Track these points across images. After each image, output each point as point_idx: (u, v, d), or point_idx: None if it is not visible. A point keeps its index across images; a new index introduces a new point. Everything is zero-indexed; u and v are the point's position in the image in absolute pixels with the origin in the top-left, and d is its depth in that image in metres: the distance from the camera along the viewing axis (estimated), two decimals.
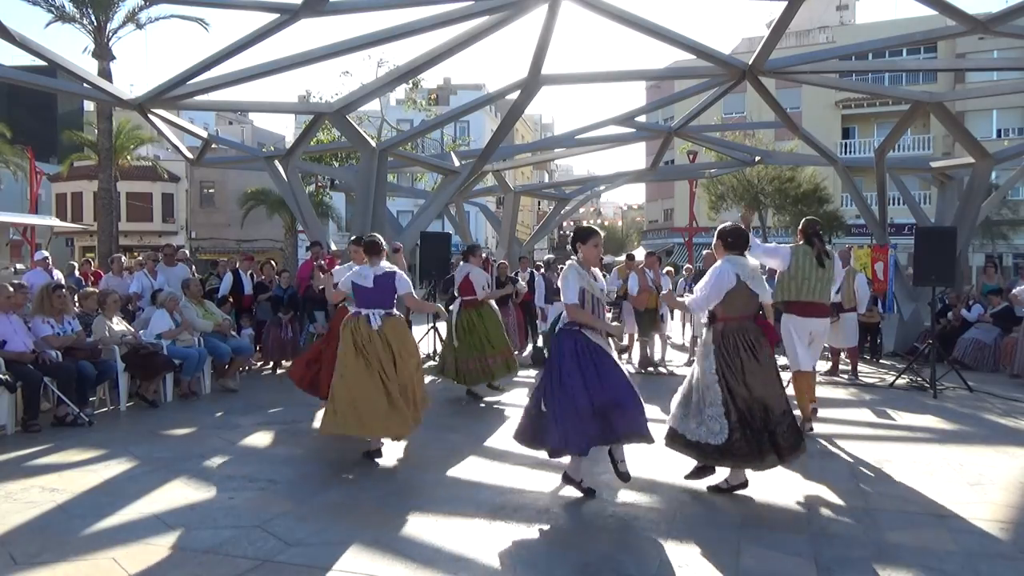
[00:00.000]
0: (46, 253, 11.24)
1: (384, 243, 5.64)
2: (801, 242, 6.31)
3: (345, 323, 5.48)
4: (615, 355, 4.63)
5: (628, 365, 10.10)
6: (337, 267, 7.31)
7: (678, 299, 5.41)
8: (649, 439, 4.49)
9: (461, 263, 8.34)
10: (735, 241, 4.74)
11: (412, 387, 5.39)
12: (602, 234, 4.85)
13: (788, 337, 6.24)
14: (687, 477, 4.82)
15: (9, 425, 6.16)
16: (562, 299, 4.60)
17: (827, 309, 6.32)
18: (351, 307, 5.58)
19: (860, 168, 14.91)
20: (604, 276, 5.90)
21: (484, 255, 8.78)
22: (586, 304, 4.51)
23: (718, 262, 4.73)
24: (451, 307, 8.19)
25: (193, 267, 11.46)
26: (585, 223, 6.62)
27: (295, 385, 6.94)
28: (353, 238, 6.89)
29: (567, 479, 4.63)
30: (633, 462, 5.22)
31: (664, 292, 6.78)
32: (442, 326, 9.98)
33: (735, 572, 3.51)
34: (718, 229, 4.87)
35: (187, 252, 12.22)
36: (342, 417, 5.21)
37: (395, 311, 5.54)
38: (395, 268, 5.60)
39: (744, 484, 4.67)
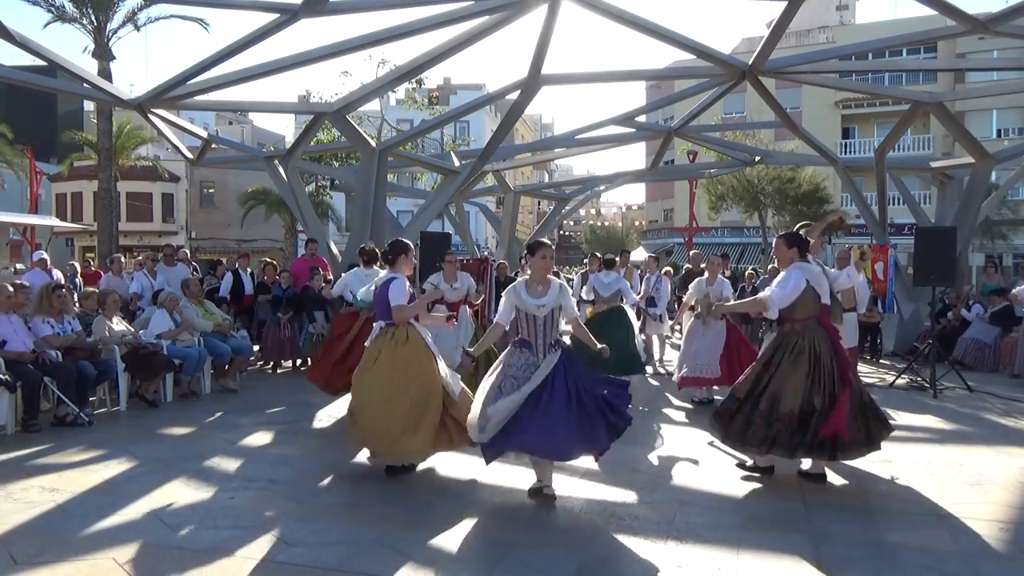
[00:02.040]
0: (44, 254, 11.22)
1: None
2: None
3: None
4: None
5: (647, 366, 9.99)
6: (357, 271, 7.25)
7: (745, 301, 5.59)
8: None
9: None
10: (800, 247, 4.94)
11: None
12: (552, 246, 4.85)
13: None
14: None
15: (9, 425, 6.16)
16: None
17: None
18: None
19: (860, 168, 14.92)
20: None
21: (485, 254, 8.72)
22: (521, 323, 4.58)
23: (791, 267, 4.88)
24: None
25: (195, 267, 11.45)
26: (585, 224, 6.62)
27: (321, 390, 6.95)
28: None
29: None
30: (632, 462, 5.24)
31: (717, 303, 6.79)
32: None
33: (735, 572, 3.52)
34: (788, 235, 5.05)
35: (187, 252, 12.21)
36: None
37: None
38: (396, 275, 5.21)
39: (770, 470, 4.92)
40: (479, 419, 4.43)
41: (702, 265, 11.11)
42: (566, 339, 4.77)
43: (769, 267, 11.79)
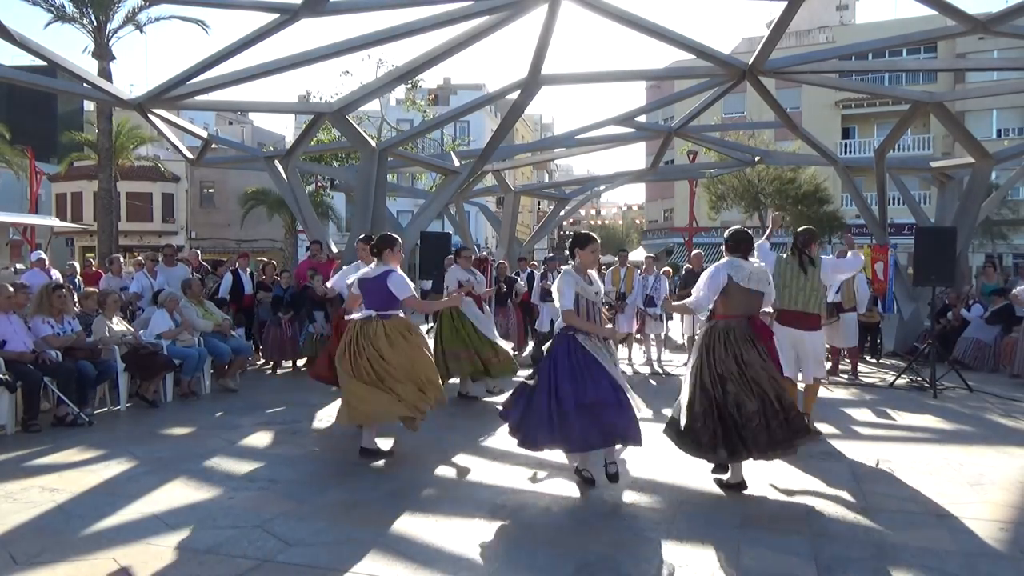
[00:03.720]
0: (42, 254, 11.21)
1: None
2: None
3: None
4: (610, 359, 4.70)
5: (628, 366, 10.10)
6: (344, 268, 7.33)
7: (676, 303, 5.58)
8: (635, 443, 4.60)
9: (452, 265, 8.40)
10: (734, 244, 4.86)
11: (417, 375, 5.35)
12: (599, 241, 4.97)
13: (777, 343, 5.83)
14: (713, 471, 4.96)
15: (9, 425, 6.16)
16: (558, 305, 4.69)
17: (813, 320, 5.96)
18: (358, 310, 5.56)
19: (860, 168, 14.92)
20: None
21: (484, 255, 8.75)
22: (581, 309, 4.64)
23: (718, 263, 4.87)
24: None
25: (207, 269, 11.43)
26: (585, 224, 6.68)
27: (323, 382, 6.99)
28: (361, 236, 6.59)
29: (577, 472, 4.79)
30: (632, 462, 5.24)
31: (663, 298, 6.84)
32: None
33: (735, 572, 3.52)
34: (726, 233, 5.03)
35: (198, 253, 12.21)
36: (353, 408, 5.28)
37: (399, 313, 5.45)
38: (393, 267, 5.47)
39: (741, 485, 4.70)
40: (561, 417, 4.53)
41: (705, 265, 11.11)
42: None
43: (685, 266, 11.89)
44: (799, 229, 6.43)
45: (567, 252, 4.91)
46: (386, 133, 22.83)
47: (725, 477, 4.79)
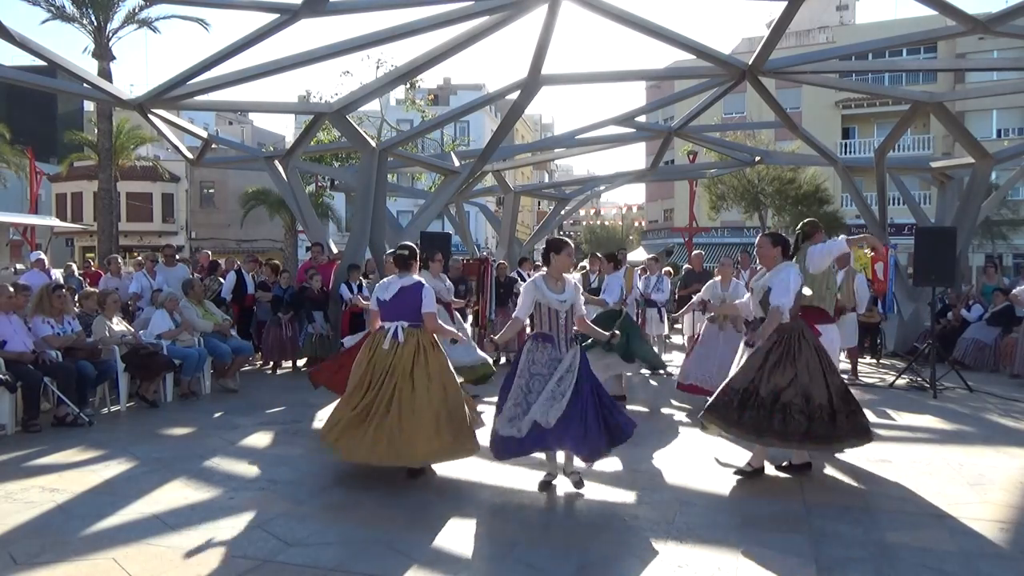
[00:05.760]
0: (41, 254, 11.20)
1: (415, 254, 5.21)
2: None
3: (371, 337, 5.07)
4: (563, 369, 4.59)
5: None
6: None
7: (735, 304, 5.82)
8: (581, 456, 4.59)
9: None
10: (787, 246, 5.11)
11: (448, 410, 4.86)
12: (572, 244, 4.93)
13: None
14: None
15: (9, 425, 6.16)
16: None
17: (819, 315, 5.85)
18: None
19: (860, 168, 14.91)
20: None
21: (485, 254, 8.71)
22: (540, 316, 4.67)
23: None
24: None
25: (220, 269, 11.42)
26: (585, 224, 6.64)
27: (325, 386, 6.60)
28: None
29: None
30: (632, 462, 5.24)
31: (725, 304, 6.96)
32: None
33: (735, 572, 3.52)
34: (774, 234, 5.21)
35: (208, 254, 12.20)
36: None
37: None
38: (422, 280, 5.12)
39: (808, 466, 5.08)
40: (504, 419, 4.57)
41: (705, 265, 11.12)
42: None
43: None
44: (802, 222, 6.40)
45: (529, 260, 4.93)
46: (386, 133, 22.82)
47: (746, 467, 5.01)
